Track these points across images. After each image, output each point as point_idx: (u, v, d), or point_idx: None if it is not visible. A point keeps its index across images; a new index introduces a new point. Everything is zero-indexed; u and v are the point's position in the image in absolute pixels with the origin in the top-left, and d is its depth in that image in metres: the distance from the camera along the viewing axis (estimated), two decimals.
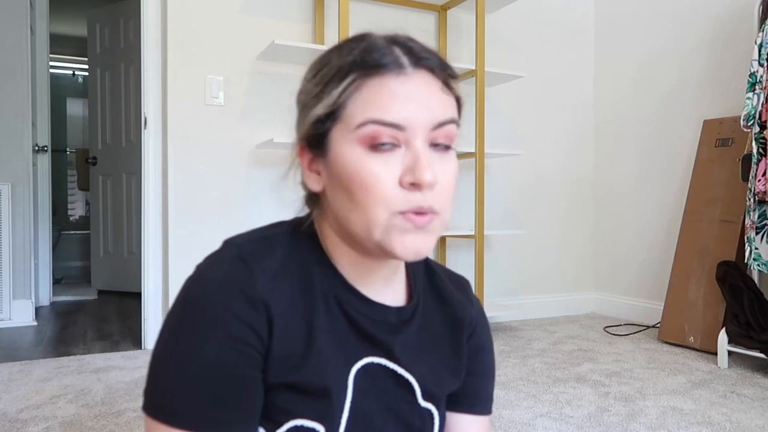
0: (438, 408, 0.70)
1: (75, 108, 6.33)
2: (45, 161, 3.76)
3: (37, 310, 3.50)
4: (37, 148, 3.59)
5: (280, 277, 0.61)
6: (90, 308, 3.64)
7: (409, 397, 0.67)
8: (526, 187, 3.25)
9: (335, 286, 0.64)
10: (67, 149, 6.16)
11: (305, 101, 0.64)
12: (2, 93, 3.12)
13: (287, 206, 0.72)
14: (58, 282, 4.86)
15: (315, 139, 0.63)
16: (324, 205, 0.65)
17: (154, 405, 0.58)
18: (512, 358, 2.37)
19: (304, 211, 0.70)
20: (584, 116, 3.42)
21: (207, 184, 2.53)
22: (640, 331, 2.87)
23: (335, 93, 0.60)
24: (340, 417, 0.61)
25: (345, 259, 0.65)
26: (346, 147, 0.59)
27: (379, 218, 0.58)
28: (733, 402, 1.83)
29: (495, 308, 2.85)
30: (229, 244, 0.63)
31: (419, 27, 2.96)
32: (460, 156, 2.79)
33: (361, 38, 0.62)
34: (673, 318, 2.60)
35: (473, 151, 2.66)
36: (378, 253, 0.61)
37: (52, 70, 5.39)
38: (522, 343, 2.61)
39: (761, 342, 2.10)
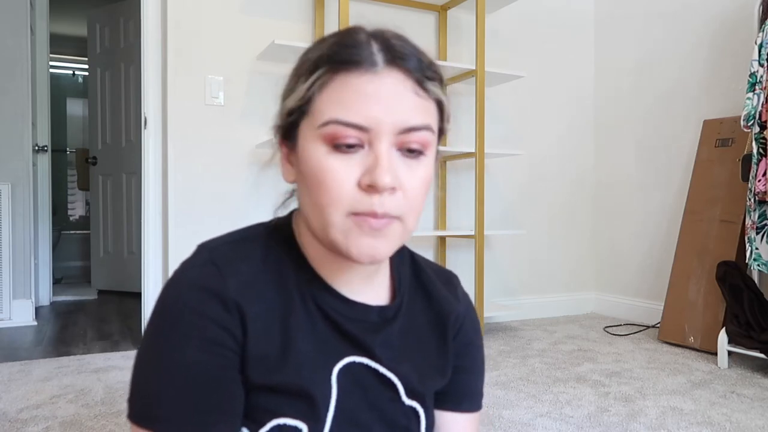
0: (424, 406, 0.69)
1: (75, 108, 6.33)
2: (45, 161, 3.76)
3: (37, 310, 3.50)
4: (37, 148, 3.59)
5: (254, 278, 0.61)
6: (90, 308, 3.64)
7: (393, 396, 0.67)
8: (525, 187, 3.25)
9: (313, 286, 0.64)
10: (67, 149, 6.16)
11: (283, 93, 0.64)
12: (2, 93, 3.12)
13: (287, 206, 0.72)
14: (58, 282, 4.86)
15: (287, 131, 0.63)
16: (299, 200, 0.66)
17: (138, 412, 0.58)
18: (512, 358, 2.37)
19: (284, 211, 0.70)
20: (584, 116, 3.42)
21: (207, 184, 2.53)
22: (640, 331, 2.87)
23: (304, 87, 0.59)
24: (325, 416, 0.61)
25: (321, 258, 0.64)
26: (310, 143, 0.59)
27: (333, 219, 0.57)
28: (733, 402, 1.83)
29: (495, 308, 2.85)
30: (201, 248, 0.63)
31: (419, 27, 2.96)
32: (460, 156, 2.79)
33: (345, 32, 0.61)
34: (673, 318, 2.60)
35: (473, 151, 2.66)
36: (336, 252, 0.60)
37: (52, 70, 5.39)
38: (522, 343, 2.61)
39: (761, 342, 2.10)
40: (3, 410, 1.72)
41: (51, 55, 4.25)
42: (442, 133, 0.64)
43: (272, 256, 0.64)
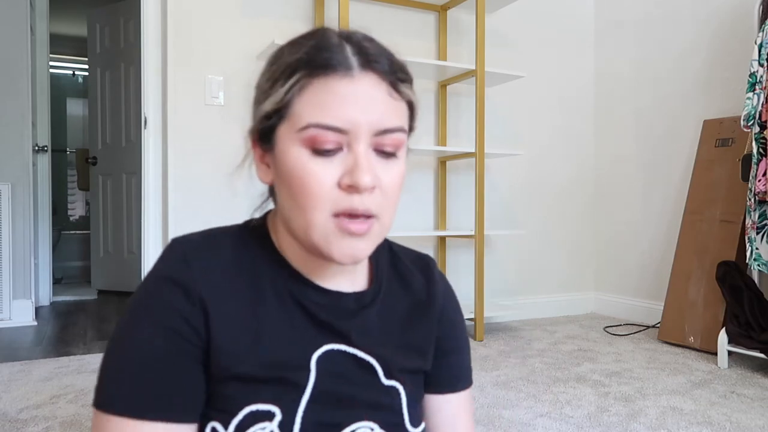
0: (403, 384, 0.71)
1: (75, 108, 6.32)
2: (45, 161, 3.76)
3: (37, 310, 3.49)
4: (37, 148, 3.59)
5: (224, 272, 0.63)
6: (90, 308, 3.64)
7: (372, 378, 0.68)
8: (525, 187, 3.25)
9: (287, 278, 0.65)
10: (67, 149, 6.15)
11: (257, 96, 0.65)
12: (2, 93, 3.12)
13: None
14: (58, 282, 4.86)
15: (263, 134, 0.64)
16: (275, 199, 0.67)
17: (97, 397, 0.60)
18: (512, 358, 2.37)
19: (261, 211, 0.72)
20: (584, 116, 3.42)
21: (207, 184, 2.53)
22: (640, 331, 2.87)
23: (282, 91, 0.60)
24: (300, 399, 0.63)
25: (299, 257, 0.66)
26: (290, 146, 0.60)
27: (316, 220, 0.59)
28: (733, 402, 1.83)
29: (495, 308, 2.85)
30: (174, 242, 0.65)
31: (419, 27, 2.96)
32: (460, 156, 2.79)
33: (315, 34, 0.62)
34: (673, 318, 2.60)
35: (473, 151, 2.66)
36: (317, 254, 0.62)
37: (52, 70, 5.38)
38: (522, 343, 2.61)
39: (761, 342, 2.10)
40: (3, 410, 1.72)
41: (51, 55, 4.24)
42: (411, 131, 0.67)
43: (245, 251, 0.66)
